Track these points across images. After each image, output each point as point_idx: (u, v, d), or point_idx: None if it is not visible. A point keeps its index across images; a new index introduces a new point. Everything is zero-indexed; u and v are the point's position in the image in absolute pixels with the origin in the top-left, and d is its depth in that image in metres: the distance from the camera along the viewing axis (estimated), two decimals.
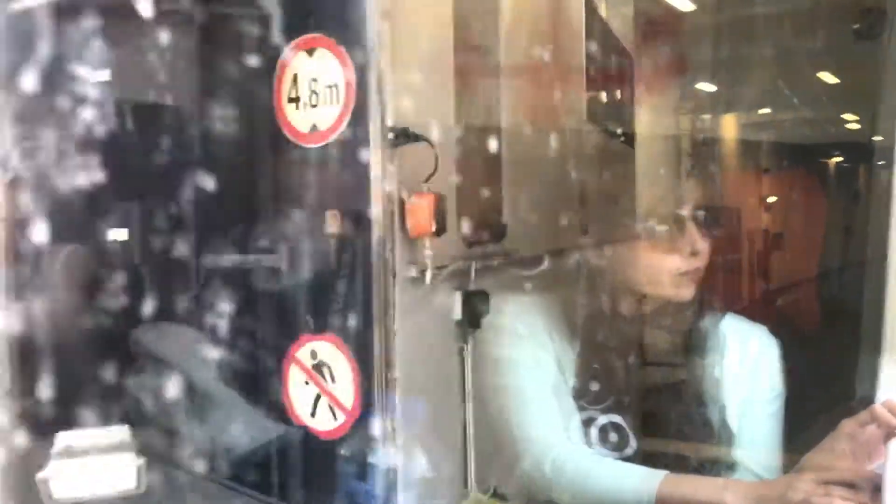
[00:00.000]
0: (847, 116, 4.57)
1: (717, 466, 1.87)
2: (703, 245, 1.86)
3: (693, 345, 2.04)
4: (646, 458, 1.82)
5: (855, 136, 4.41)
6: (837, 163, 5.10)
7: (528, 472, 1.82)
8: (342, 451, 1.76)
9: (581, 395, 2.02)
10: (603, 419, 1.94)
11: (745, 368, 1.99)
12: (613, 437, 1.92)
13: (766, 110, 4.78)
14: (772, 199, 4.96)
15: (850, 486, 1.40)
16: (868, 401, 1.44)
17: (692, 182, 1.99)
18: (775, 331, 2.05)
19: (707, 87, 4.07)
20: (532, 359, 2.01)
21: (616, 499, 1.72)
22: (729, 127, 4.62)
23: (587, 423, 1.92)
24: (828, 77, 4.23)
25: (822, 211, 4.79)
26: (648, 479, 1.66)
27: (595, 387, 2.02)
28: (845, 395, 1.81)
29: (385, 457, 1.65)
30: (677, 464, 1.77)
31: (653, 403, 1.99)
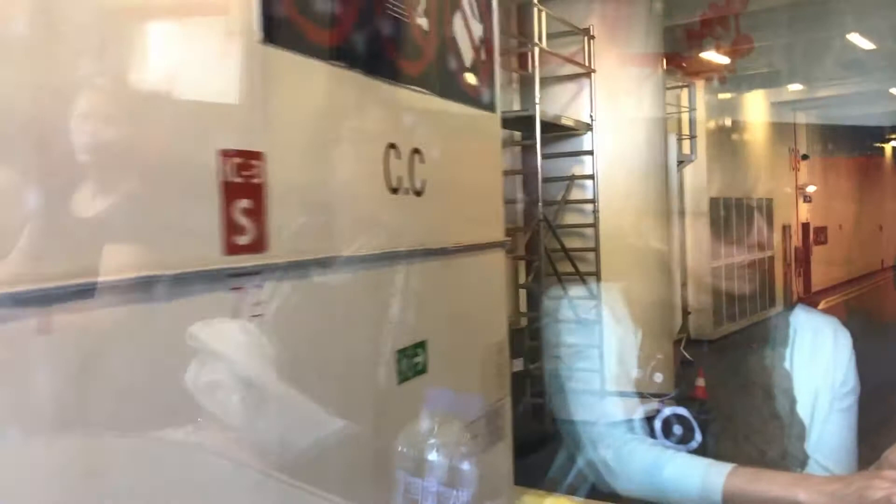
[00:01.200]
0: None
1: (788, 460, 1.85)
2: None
3: (762, 336, 2.39)
4: (712, 450, 1.80)
5: None
6: None
7: (595, 462, 1.82)
8: None
9: (644, 387, 2.18)
10: (667, 411, 2.00)
11: (817, 361, 2.02)
12: (678, 429, 1.95)
13: None
14: None
15: None
16: None
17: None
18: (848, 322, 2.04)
19: None
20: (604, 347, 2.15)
21: (682, 491, 1.72)
22: None
23: (651, 414, 1.95)
24: None
25: None
26: (715, 471, 1.66)
27: (659, 378, 2.11)
28: None
29: None
30: (745, 456, 1.74)
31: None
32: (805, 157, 25.34)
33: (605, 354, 2.51)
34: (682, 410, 2.08)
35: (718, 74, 17.87)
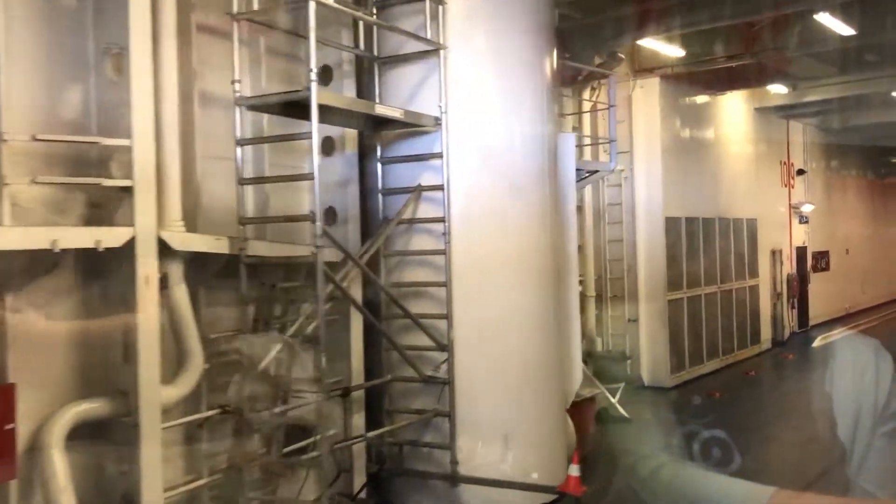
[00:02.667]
0: None
1: (829, 483, 2.00)
2: None
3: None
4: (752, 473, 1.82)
5: None
6: None
7: (638, 483, 1.84)
8: None
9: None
10: (706, 434, 2.32)
11: (858, 384, 2.01)
12: (716, 451, 2.21)
13: None
14: None
15: None
16: None
17: None
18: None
19: None
20: None
21: None
22: None
23: (689, 436, 2.23)
24: None
25: None
26: (756, 494, 1.66)
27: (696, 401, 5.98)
28: None
29: None
30: (786, 479, 3.26)
31: None
32: (801, 172, 22.51)
33: None
34: (720, 434, 2.26)
35: (667, 69, 15.23)
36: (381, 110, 7.58)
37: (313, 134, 6.40)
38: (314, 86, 6.42)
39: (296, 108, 6.72)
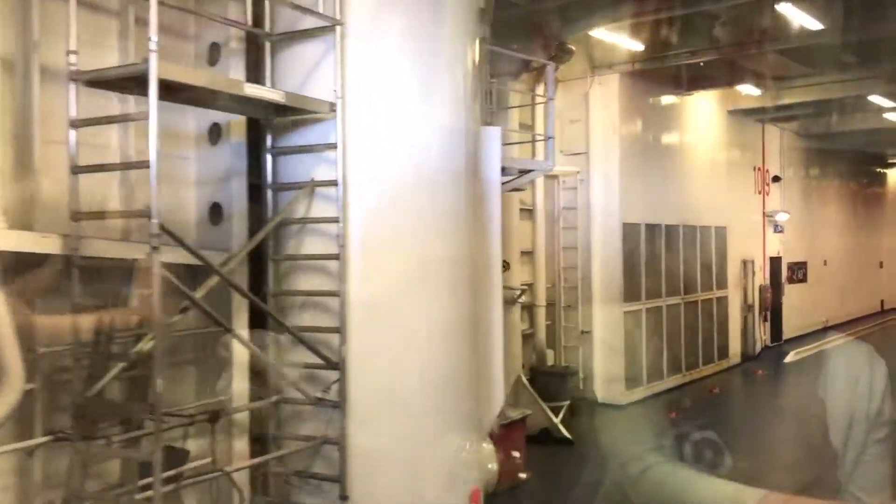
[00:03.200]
0: None
1: (819, 487, 2.13)
2: None
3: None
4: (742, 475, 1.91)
5: None
6: None
7: (628, 483, 1.94)
8: None
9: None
10: (697, 435, 2.31)
11: (851, 391, 2.12)
12: (708, 453, 2.23)
13: None
14: None
15: None
16: None
17: None
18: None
19: None
20: None
21: None
22: None
23: (681, 438, 2.21)
24: None
25: None
26: (746, 496, 1.82)
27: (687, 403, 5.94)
28: None
29: None
30: (776, 482, 3.44)
31: None
32: (777, 179, 21.63)
33: None
34: (711, 435, 2.28)
35: (628, 65, 14.30)
36: (252, 91, 6.56)
37: (150, 113, 5.41)
38: (154, 57, 5.43)
39: (143, 84, 5.73)
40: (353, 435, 7.32)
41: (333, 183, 7.27)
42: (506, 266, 12.13)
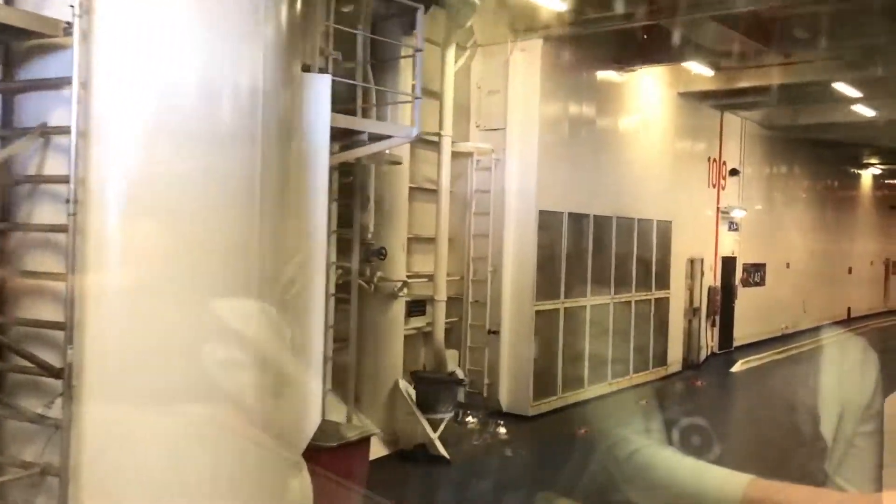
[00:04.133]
0: None
1: (808, 475, 1.92)
2: None
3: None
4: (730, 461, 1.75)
5: None
6: None
7: (613, 468, 1.81)
8: None
9: None
10: (685, 421, 2.10)
11: (844, 381, 2.06)
12: (696, 439, 2.04)
13: None
14: None
15: None
16: None
17: None
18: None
19: None
20: None
21: (699, 499, 1.72)
22: None
23: (670, 424, 2.02)
24: None
25: None
26: (733, 480, 1.66)
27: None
28: None
29: None
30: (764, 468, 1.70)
31: None
32: (734, 172, 19.96)
33: None
34: (700, 421, 2.14)
35: (555, 29, 12.52)
36: None
37: None
38: None
39: None
40: (84, 465, 5.59)
41: (66, 130, 5.50)
42: (382, 254, 10.40)
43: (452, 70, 12.26)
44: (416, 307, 12.62)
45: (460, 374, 12.14)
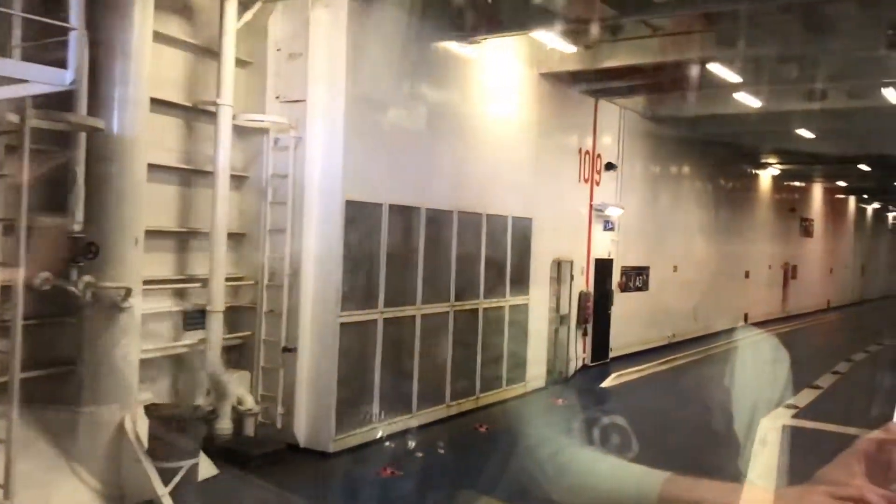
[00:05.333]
0: None
1: (723, 471, 1.94)
2: None
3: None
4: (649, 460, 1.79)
5: None
6: None
7: (531, 468, 1.83)
8: None
9: None
10: (605, 420, 2.23)
11: (755, 377, 2.31)
12: (615, 438, 2.15)
13: None
14: None
15: (864, 502, 1.38)
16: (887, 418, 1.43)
17: None
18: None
19: None
20: None
21: (617, 497, 1.75)
22: None
23: (590, 423, 2.19)
24: None
25: None
26: (650, 478, 1.67)
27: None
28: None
29: None
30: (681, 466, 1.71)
31: None
32: (611, 166, 18.12)
33: None
34: (619, 420, 2.29)
35: None
36: None
37: None
38: None
39: None
40: None
41: None
42: (92, 251, 8.01)
43: (234, 24, 10.01)
44: (195, 319, 10.31)
45: (249, 402, 9.83)
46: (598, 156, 17.76)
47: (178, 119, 10.38)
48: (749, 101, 17.19)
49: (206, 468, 9.00)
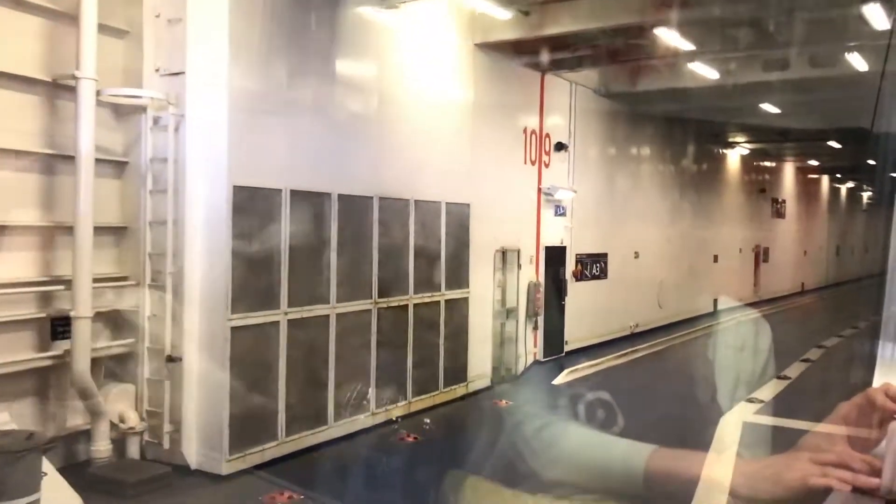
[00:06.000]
0: None
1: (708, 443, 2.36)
2: None
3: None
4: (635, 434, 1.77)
5: None
6: None
7: (522, 442, 1.83)
8: None
9: None
10: (591, 395, 2.41)
11: (737, 351, 3.31)
12: (601, 413, 2.37)
13: None
14: None
15: (846, 467, 1.40)
16: (866, 384, 1.43)
17: None
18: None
19: None
20: None
21: (604, 470, 1.75)
22: None
23: (575, 399, 2.26)
24: None
25: None
26: (637, 451, 1.69)
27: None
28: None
29: None
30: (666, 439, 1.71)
31: None
32: (561, 146, 16.85)
33: None
34: (605, 395, 2.38)
35: None
36: None
37: None
38: None
39: None
40: None
41: None
42: None
43: None
44: (62, 326, 8.95)
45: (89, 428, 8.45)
46: (547, 135, 16.47)
47: (38, 97, 8.98)
48: (706, 72, 15.97)
49: (67, 501, 7.67)
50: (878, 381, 1.44)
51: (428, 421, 11.89)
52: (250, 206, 9.38)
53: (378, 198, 11.40)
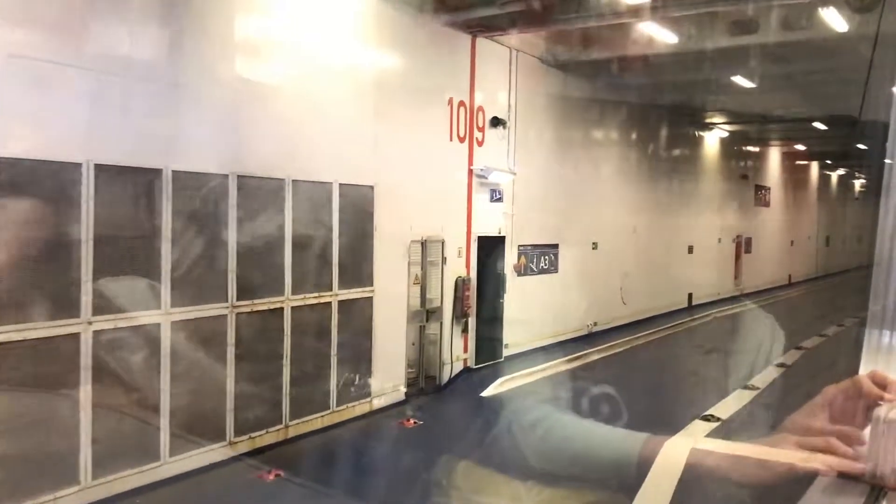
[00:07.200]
0: None
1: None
2: None
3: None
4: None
5: None
6: None
7: (520, 434, 1.88)
8: None
9: None
10: (595, 390, 3.58)
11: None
12: (605, 407, 2.33)
13: None
14: None
15: (830, 451, 1.41)
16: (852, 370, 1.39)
17: None
18: None
19: None
20: None
21: (599, 459, 1.76)
22: None
23: (579, 392, 4.45)
24: None
25: None
26: (631, 440, 1.70)
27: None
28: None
29: None
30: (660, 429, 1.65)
31: None
32: (498, 122, 14.65)
33: None
34: (609, 390, 2.44)
35: None
36: None
37: None
38: None
39: None
40: None
41: None
42: None
43: None
44: None
45: None
46: (480, 108, 14.29)
47: None
48: (664, 35, 13.80)
49: None
50: (863, 369, 1.43)
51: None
52: (24, 183, 7.19)
53: (236, 176, 9.23)
